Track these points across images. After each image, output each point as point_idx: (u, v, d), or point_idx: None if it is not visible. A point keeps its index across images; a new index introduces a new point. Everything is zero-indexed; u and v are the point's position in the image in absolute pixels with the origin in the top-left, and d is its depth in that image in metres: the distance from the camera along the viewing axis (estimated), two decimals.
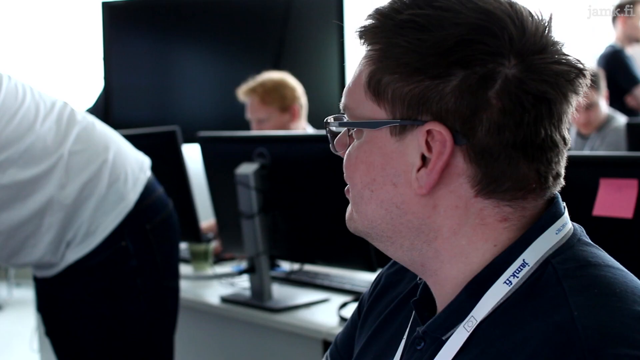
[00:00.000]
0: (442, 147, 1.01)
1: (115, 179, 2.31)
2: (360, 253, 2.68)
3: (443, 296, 1.09)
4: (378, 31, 1.05)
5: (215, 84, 5.69)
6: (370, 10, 1.07)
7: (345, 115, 1.13)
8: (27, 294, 6.71)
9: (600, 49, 5.88)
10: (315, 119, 4.15)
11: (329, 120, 1.15)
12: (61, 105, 2.36)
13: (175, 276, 2.48)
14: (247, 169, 2.74)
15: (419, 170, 1.03)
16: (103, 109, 5.52)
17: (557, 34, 1.03)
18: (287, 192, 2.78)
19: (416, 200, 1.05)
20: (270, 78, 3.93)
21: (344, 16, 5.41)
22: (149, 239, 2.36)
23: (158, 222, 2.40)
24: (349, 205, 1.14)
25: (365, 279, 2.97)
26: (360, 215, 1.11)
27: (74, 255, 2.30)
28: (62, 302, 2.39)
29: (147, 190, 2.38)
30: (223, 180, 2.94)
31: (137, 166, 2.40)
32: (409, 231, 1.07)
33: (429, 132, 1.01)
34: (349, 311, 2.62)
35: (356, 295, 2.78)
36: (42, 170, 2.23)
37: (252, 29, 5.60)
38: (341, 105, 1.13)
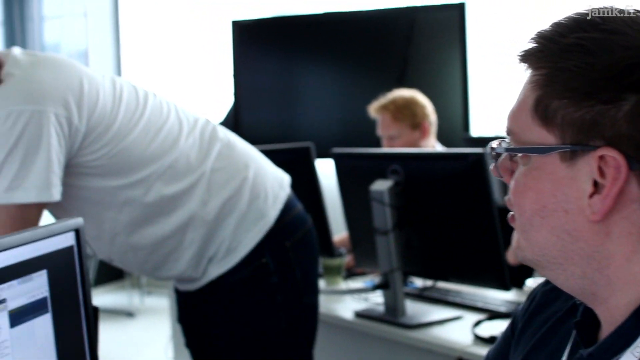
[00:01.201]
0: (617, 172, 0.98)
1: (256, 197, 2.35)
2: (495, 272, 2.68)
3: (611, 322, 1.06)
4: (542, 55, 1.04)
5: (340, 100, 5.76)
6: (533, 34, 1.06)
7: (508, 140, 1.11)
8: (158, 302, 6.87)
9: None
10: (439, 136, 4.15)
11: (494, 145, 1.13)
12: (203, 122, 2.42)
13: (314, 292, 2.49)
14: (381, 185, 2.76)
15: (591, 196, 1.01)
16: (233, 124, 5.64)
17: None
18: (420, 209, 2.79)
19: (588, 226, 1.02)
20: (401, 95, 3.95)
21: (466, 33, 5.39)
22: (289, 256, 2.38)
23: (298, 239, 2.42)
24: (515, 233, 1.12)
25: (497, 297, 2.95)
26: (530, 243, 1.08)
27: (215, 271, 2.34)
28: (203, 316, 2.44)
29: (287, 208, 2.41)
30: (357, 196, 2.97)
31: (276, 183, 2.43)
32: (581, 259, 1.04)
33: (601, 157, 0.99)
34: (483, 329, 2.62)
35: (489, 314, 2.77)
36: (185, 186, 2.28)
37: (377, 46, 5.65)
38: (505, 129, 1.11)
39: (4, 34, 6.02)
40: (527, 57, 1.07)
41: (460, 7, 5.38)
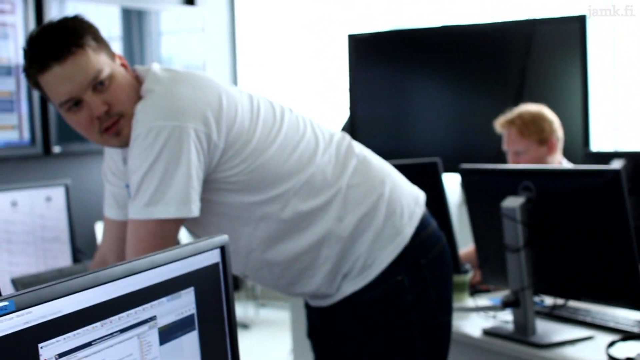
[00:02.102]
0: None
1: (392, 213, 2.33)
2: (631, 291, 2.60)
3: None
4: None
5: (455, 114, 5.69)
6: None
7: None
8: (273, 314, 6.92)
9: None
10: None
11: None
12: (339, 137, 2.42)
13: (448, 311, 2.45)
14: (513, 202, 2.72)
15: None
16: None
17: None
18: (552, 227, 2.74)
19: None
20: (528, 110, 3.88)
21: (587, 46, 5.27)
22: (424, 274, 2.36)
23: (432, 256, 2.39)
24: None
25: (628, 317, 2.87)
26: None
27: (350, 287, 2.33)
28: (335, 333, 2.43)
29: (423, 225, 2.39)
30: (485, 212, 2.94)
31: (412, 200, 2.41)
32: None
33: None
34: (618, 350, 2.55)
35: (623, 334, 2.69)
36: (321, 202, 2.28)
37: (494, 60, 5.56)
38: None
39: (123, 49, 6.14)
40: None
41: (581, 20, 5.26)
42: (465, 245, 3.77)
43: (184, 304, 1.56)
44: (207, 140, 2.12)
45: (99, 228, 5.37)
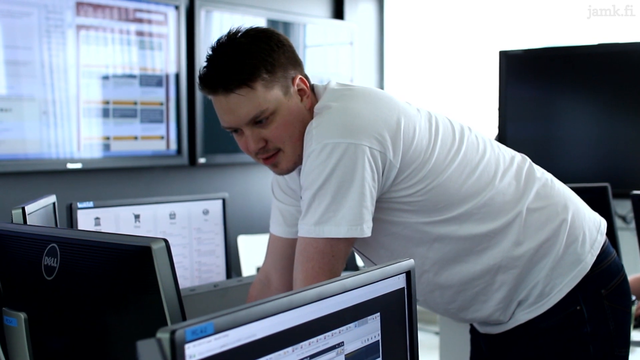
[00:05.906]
0: None
1: (573, 240, 2.22)
2: None
3: None
4: None
5: (607, 138, 5.47)
6: None
7: None
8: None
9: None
10: None
11: None
12: (520, 159, 2.33)
13: (626, 345, 2.31)
14: None
15: None
16: None
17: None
18: None
19: None
20: None
21: None
22: (604, 305, 2.23)
23: (613, 287, 2.26)
24: None
25: None
26: None
27: (525, 315, 2.23)
28: None
29: (604, 253, 2.27)
30: None
31: (594, 227, 2.30)
32: None
33: None
34: None
35: None
36: (499, 226, 2.19)
37: None
38: None
39: None
40: None
41: None
42: None
43: (370, 330, 1.53)
44: (382, 160, 2.04)
45: (241, 241, 5.38)
